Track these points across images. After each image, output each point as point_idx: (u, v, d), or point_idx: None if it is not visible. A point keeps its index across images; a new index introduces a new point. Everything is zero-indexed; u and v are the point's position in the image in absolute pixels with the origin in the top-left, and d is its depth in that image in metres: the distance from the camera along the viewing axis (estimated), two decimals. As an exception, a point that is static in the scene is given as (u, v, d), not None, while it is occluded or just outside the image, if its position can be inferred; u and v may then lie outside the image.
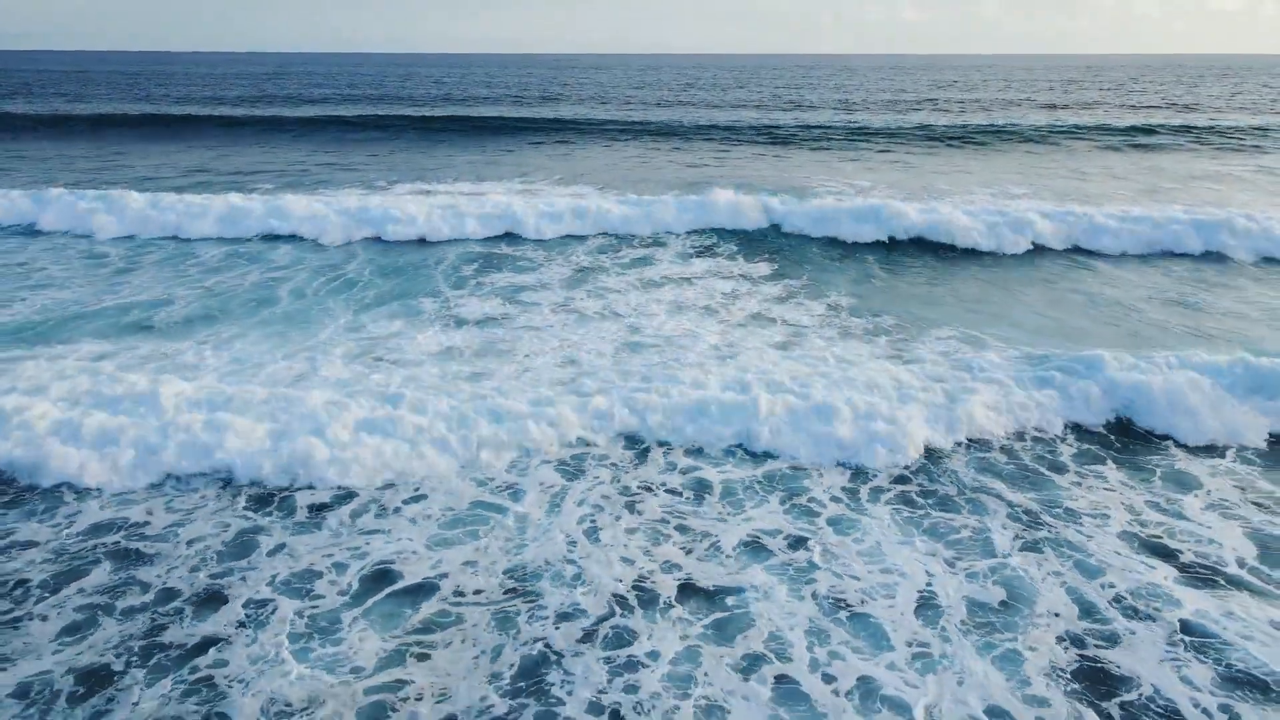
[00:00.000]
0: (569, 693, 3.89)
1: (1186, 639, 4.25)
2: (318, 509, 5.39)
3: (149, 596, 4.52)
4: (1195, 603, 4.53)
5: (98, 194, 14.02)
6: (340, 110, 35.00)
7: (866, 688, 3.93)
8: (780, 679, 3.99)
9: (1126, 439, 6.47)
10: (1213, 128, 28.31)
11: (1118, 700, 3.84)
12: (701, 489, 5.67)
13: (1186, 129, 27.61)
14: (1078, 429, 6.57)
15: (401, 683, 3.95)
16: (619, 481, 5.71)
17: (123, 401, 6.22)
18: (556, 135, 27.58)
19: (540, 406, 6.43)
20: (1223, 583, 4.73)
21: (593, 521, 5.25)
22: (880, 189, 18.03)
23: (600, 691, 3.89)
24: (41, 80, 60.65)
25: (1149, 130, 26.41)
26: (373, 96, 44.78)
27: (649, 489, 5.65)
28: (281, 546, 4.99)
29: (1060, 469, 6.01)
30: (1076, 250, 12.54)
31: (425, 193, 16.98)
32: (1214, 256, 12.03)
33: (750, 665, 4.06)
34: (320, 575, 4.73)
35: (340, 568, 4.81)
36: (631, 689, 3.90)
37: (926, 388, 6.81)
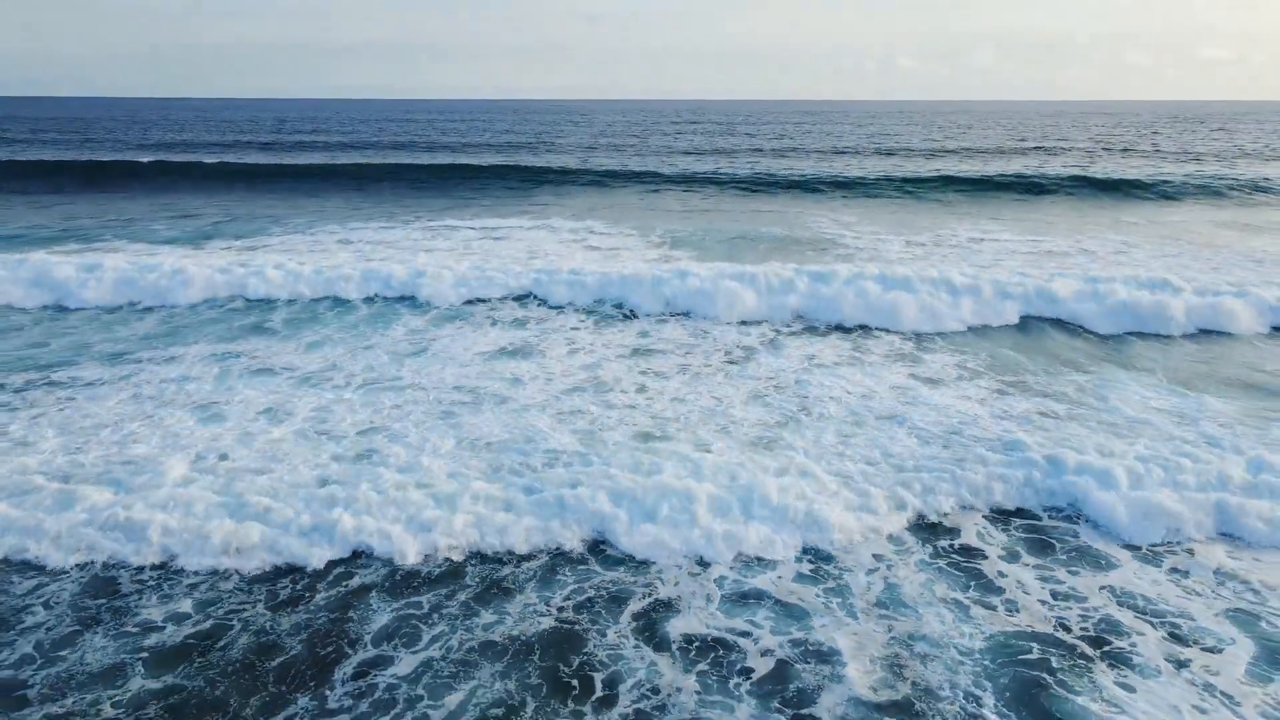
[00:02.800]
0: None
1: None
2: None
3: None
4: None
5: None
6: (373, 158, 37.62)
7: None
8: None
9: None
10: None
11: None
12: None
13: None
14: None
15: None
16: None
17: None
18: (556, 184, 29.74)
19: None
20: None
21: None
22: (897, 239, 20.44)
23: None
24: (55, 127, 63.90)
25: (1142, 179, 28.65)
26: (399, 144, 47.59)
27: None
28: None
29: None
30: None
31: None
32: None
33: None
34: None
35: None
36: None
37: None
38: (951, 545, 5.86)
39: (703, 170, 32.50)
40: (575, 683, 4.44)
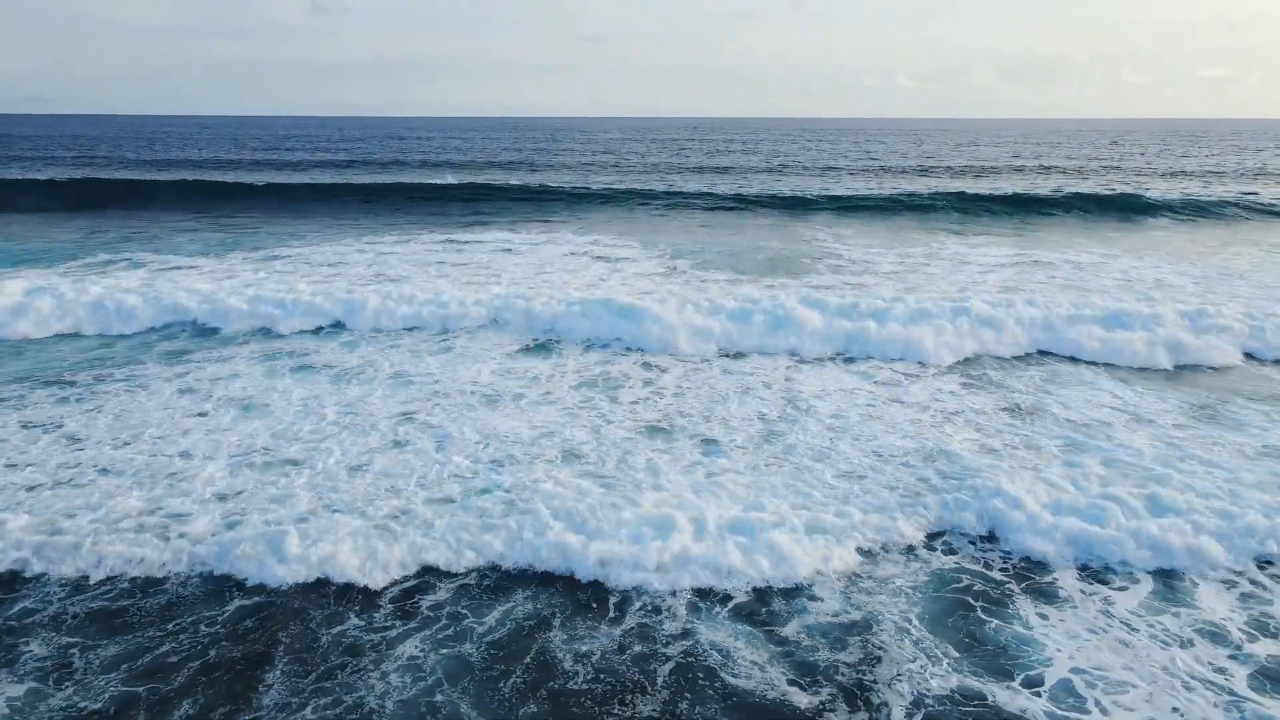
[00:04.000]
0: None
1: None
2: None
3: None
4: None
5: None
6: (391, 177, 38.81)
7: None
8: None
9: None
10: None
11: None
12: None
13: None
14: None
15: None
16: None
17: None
18: (558, 201, 30.46)
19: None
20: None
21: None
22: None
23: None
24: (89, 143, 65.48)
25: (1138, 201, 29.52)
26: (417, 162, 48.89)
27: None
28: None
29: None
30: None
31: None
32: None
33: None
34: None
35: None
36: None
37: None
38: (897, 521, 6.96)
39: (704, 187, 33.76)
40: (593, 603, 5.54)
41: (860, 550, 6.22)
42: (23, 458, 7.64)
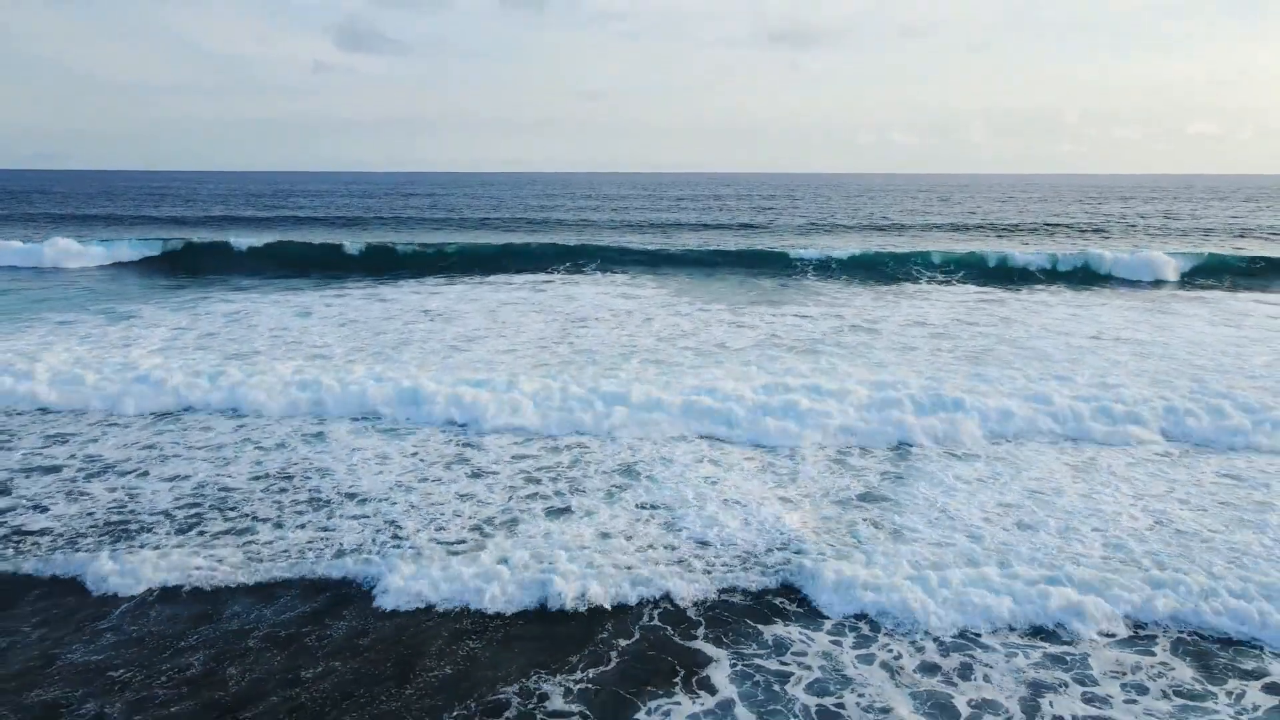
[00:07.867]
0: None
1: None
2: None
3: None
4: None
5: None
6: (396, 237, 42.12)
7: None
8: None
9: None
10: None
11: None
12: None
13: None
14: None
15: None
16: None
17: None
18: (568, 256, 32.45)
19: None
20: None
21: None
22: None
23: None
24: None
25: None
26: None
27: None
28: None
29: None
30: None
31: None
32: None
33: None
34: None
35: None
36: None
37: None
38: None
39: (702, 240, 37.25)
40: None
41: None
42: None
